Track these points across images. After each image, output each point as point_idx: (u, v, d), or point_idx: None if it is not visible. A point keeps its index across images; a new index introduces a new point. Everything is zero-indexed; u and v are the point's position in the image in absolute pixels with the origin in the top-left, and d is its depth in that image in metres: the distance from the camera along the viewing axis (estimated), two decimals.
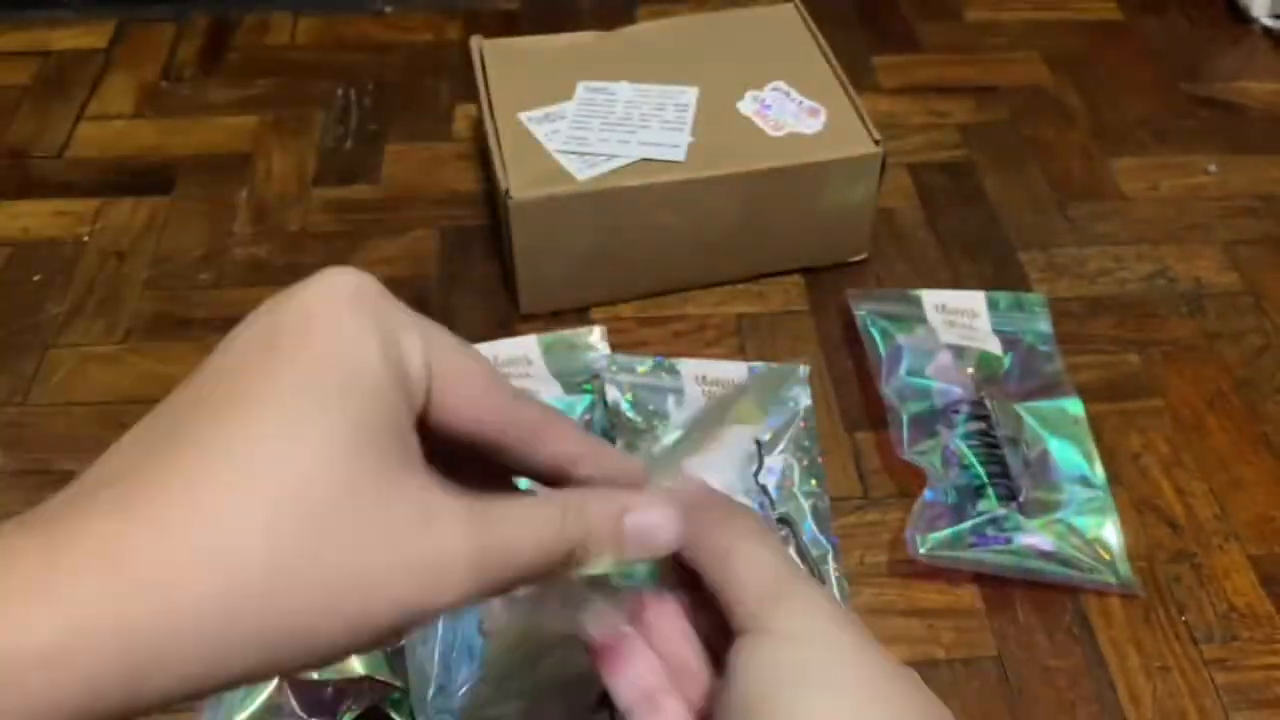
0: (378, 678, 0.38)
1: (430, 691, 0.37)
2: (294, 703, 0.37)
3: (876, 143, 0.51)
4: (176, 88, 0.66)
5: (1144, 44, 0.71)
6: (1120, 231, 0.58)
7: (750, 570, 0.23)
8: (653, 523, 0.22)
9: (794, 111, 0.53)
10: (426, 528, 0.18)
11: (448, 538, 0.18)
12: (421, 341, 0.20)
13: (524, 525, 0.20)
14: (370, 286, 0.20)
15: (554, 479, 0.23)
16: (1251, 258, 0.57)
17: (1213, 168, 0.62)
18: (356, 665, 0.38)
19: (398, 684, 0.38)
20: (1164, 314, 0.54)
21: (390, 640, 0.19)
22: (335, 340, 0.18)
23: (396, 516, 0.18)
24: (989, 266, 0.56)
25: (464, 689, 0.37)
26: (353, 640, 0.18)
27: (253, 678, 0.17)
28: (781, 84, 0.55)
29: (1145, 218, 0.59)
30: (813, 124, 0.53)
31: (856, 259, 0.56)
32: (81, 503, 0.17)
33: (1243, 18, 0.72)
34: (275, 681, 0.37)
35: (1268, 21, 0.71)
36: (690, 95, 0.54)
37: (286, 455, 0.17)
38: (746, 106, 0.54)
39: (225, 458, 0.17)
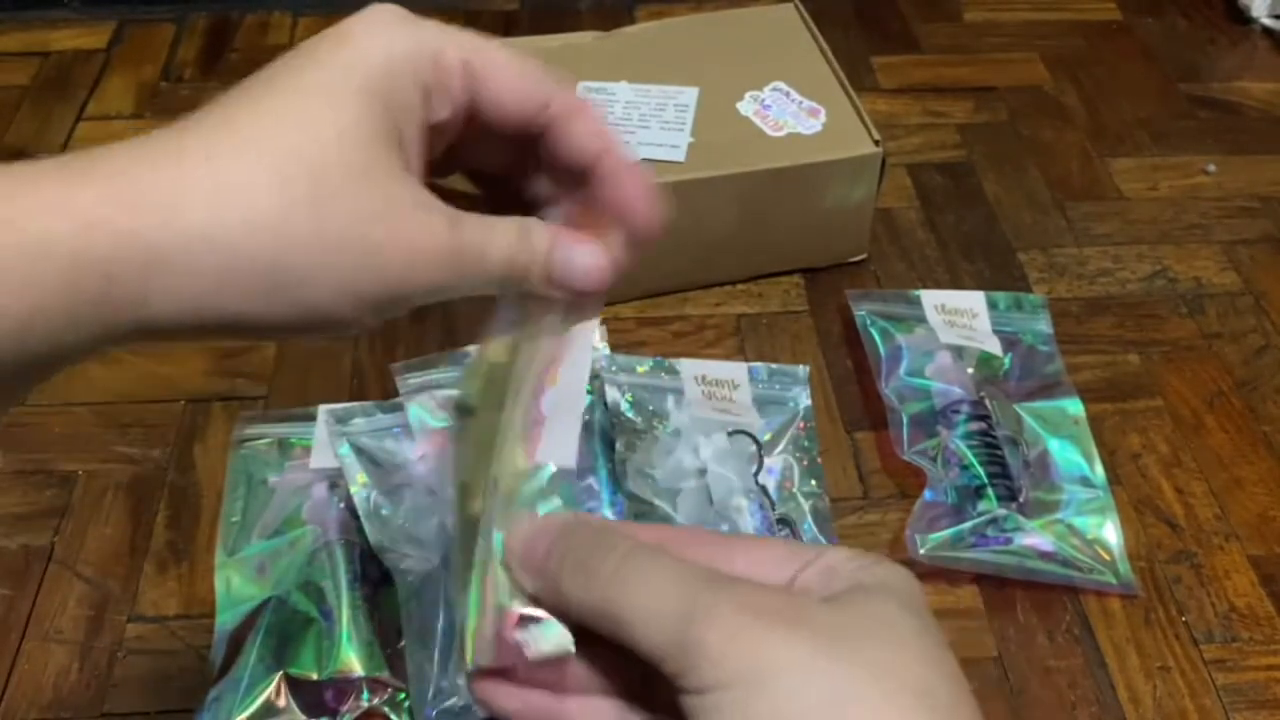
0: (378, 678, 0.38)
1: (430, 692, 0.37)
2: (293, 703, 0.37)
3: (876, 143, 0.51)
4: (176, 88, 0.66)
5: (1143, 44, 0.71)
6: (1119, 232, 0.58)
7: (651, 598, 0.18)
8: (576, 258, 0.23)
9: (793, 112, 0.53)
10: (416, 214, 0.20)
11: (433, 226, 0.21)
12: (456, 45, 0.22)
13: (493, 232, 0.22)
14: (408, 13, 0.22)
15: (575, 171, 0.24)
16: (1251, 258, 0.57)
17: (1211, 168, 0.62)
18: (356, 667, 0.38)
19: (398, 685, 0.38)
20: (1163, 314, 0.54)
21: (364, 320, 0.21)
22: (365, 47, 0.21)
23: (393, 200, 0.20)
24: (988, 267, 0.56)
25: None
26: (336, 303, 0.20)
27: (245, 323, 0.19)
28: (781, 84, 0.55)
29: (1144, 218, 0.59)
30: (812, 124, 0.53)
31: (856, 259, 0.56)
32: (99, 151, 0.19)
33: (1242, 18, 0.72)
34: (274, 683, 0.37)
35: (1267, 22, 0.71)
36: (690, 96, 0.54)
37: (304, 131, 0.19)
38: (746, 107, 0.54)
39: (248, 128, 0.19)
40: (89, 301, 0.18)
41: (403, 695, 0.38)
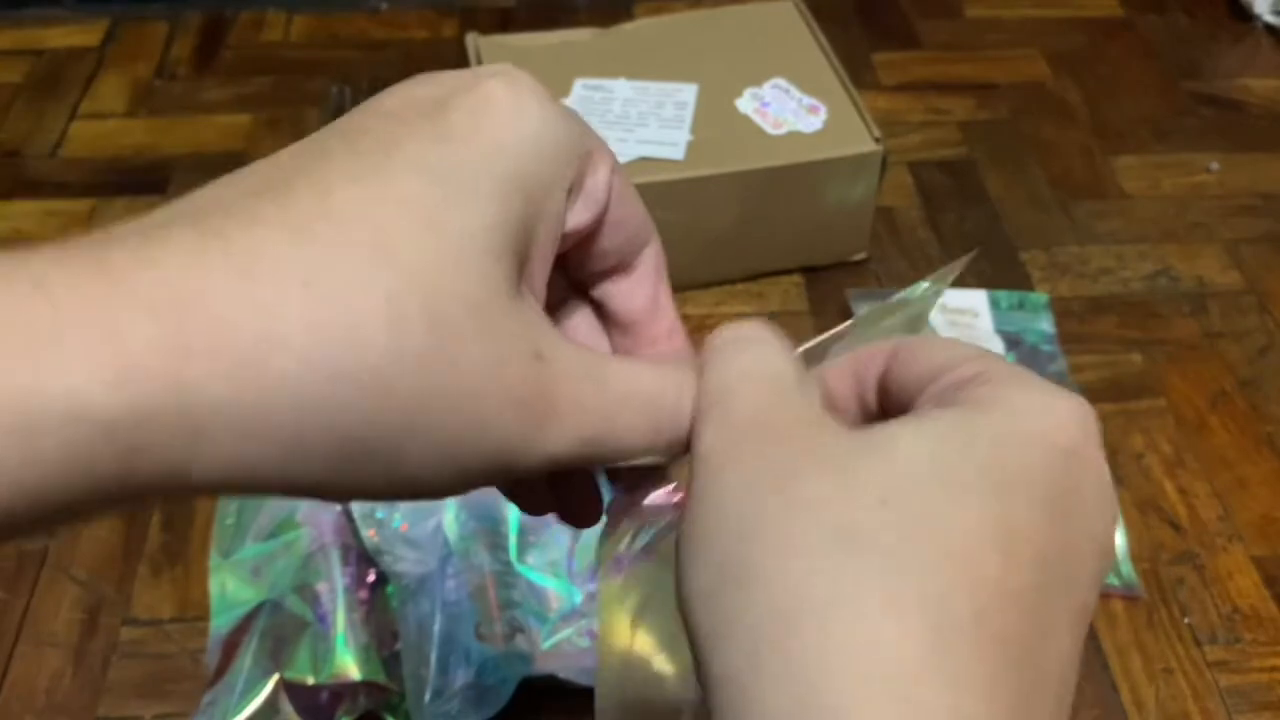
0: (374, 682, 0.37)
1: (427, 696, 0.37)
2: (290, 706, 0.37)
3: (877, 141, 0.51)
4: (170, 86, 0.66)
5: (1145, 41, 0.71)
6: (1122, 230, 0.58)
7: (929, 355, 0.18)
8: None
9: (794, 109, 0.53)
10: (541, 366, 0.15)
11: (561, 387, 0.16)
12: (609, 160, 0.18)
13: (638, 386, 0.17)
14: (549, 93, 0.17)
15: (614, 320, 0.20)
16: (1254, 256, 0.56)
17: (1214, 166, 0.61)
18: (352, 670, 0.37)
19: (394, 688, 0.38)
20: (1166, 313, 0.53)
21: (464, 490, 0.16)
22: (515, 132, 0.16)
23: (517, 349, 0.15)
24: (990, 266, 0.55)
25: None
26: (433, 475, 0.15)
27: (312, 491, 0.14)
28: (781, 81, 0.54)
29: (1147, 216, 0.59)
30: (812, 122, 0.52)
31: (856, 258, 0.55)
32: (148, 234, 0.13)
33: (1244, 15, 0.72)
34: (271, 686, 0.37)
35: (1269, 19, 0.71)
36: (689, 93, 0.53)
37: (428, 240, 0.14)
38: (746, 104, 0.53)
39: (352, 222, 0.13)
40: (108, 477, 0.12)
41: (399, 699, 0.38)
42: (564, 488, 0.21)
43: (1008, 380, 0.16)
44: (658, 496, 0.20)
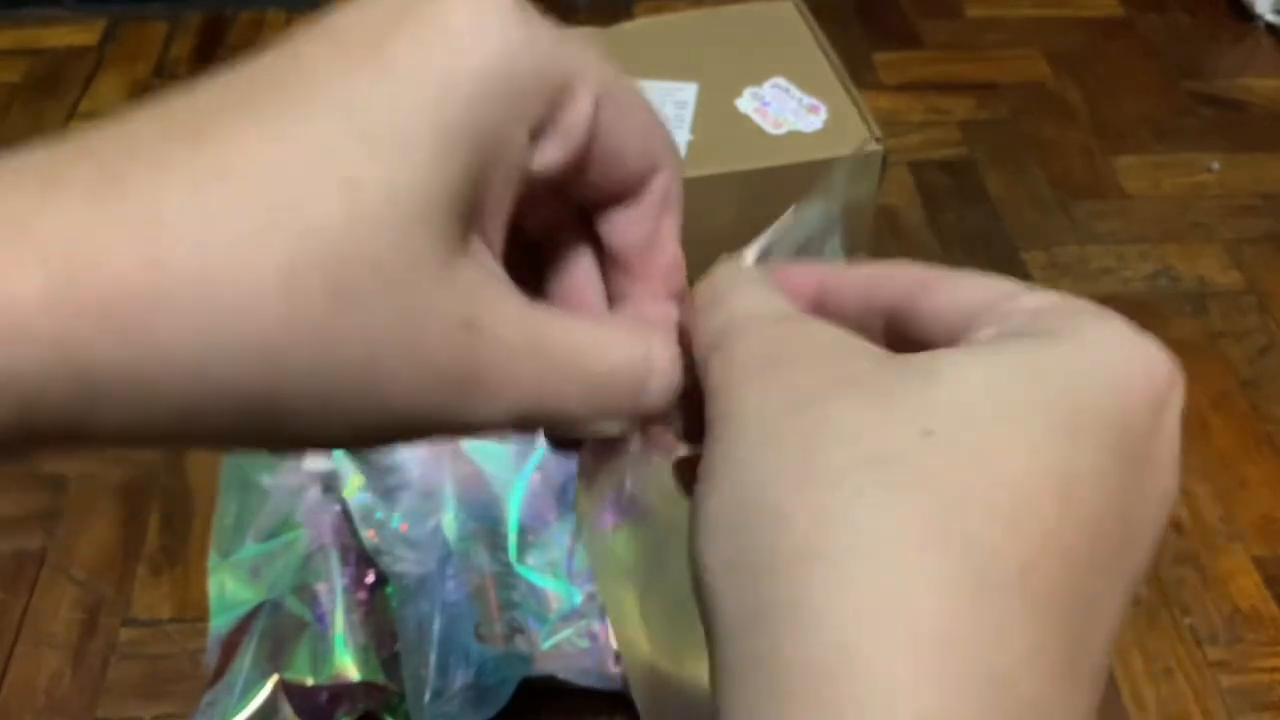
0: (374, 683, 0.37)
1: (426, 696, 0.36)
2: (289, 707, 0.37)
3: (877, 141, 0.51)
4: (169, 86, 0.66)
5: (1146, 41, 0.70)
6: (1122, 230, 0.58)
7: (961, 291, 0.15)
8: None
9: (794, 109, 0.53)
10: (470, 336, 0.14)
11: (494, 357, 0.14)
12: (590, 73, 0.15)
13: (588, 355, 0.15)
14: (527, 3, 0.15)
15: (624, 249, 0.18)
16: (1254, 256, 0.56)
17: (1215, 166, 0.61)
18: (352, 671, 0.37)
19: (393, 689, 0.38)
20: (1167, 314, 0.53)
21: (382, 446, 0.15)
22: (470, 51, 0.14)
23: (439, 319, 0.14)
24: (990, 265, 0.55)
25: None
26: (343, 436, 0.14)
27: (206, 443, 0.14)
28: (781, 81, 0.54)
29: (1147, 216, 0.58)
30: (812, 122, 0.52)
31: (857, 258, 0.55)
32: (57, 169, 0.13)
33: (1245, 14, 0.72)
34: (270, 687, 0.37)
35: (1270, 18, 0.71)
36: (689, 92, 0.53)
37: (338, 196, 0.13)
38: (746, 104, 0.53)
39: (260, 168, 0.12)
40: (2, 425, 0.12)
41: (398, 700, 0.37)
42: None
43: (1090, 312, 0.14)
44: (632, 446, 0.18)
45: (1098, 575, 0.13)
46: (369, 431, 0.14)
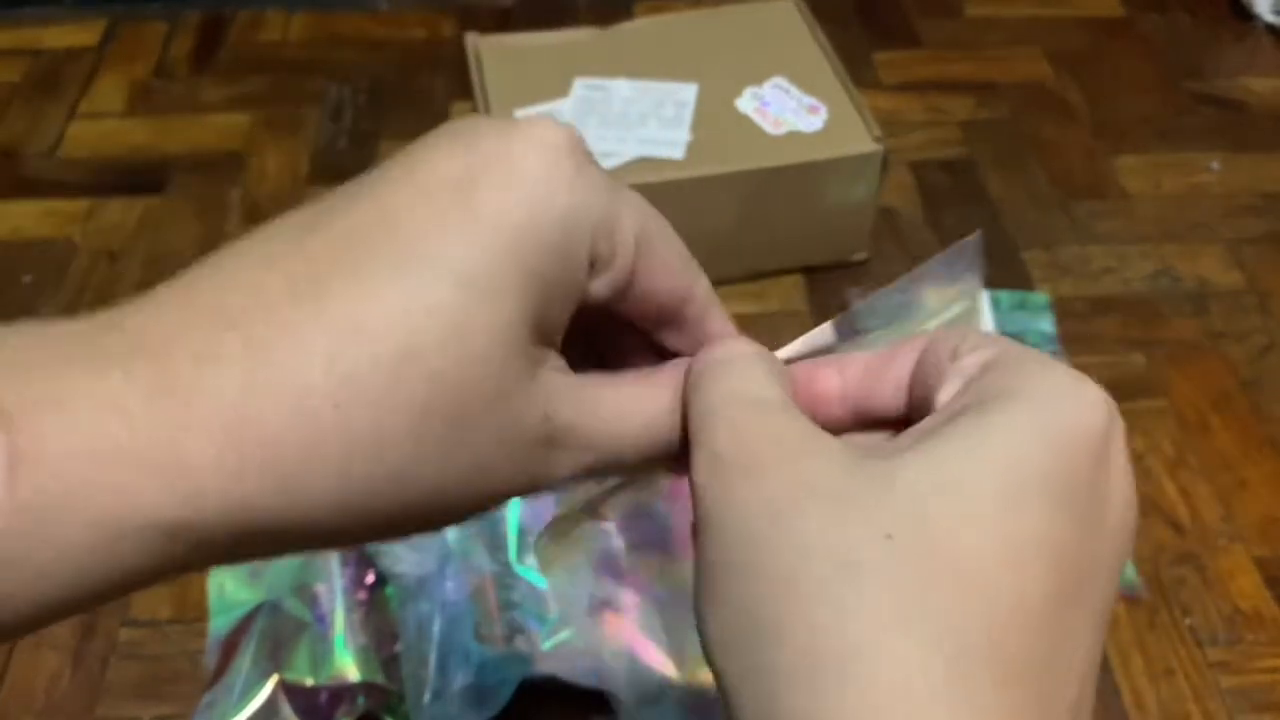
0: (373, 683, 0.37)
1: (426, 697, 0.36)
2: (289, 708, 0.37)
3: (877, 141, 0.51)
4: (169, 86, 0.66)
5: (1146, 41, 0.70)
6: (1123, 230, 0.57)
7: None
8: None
9: (794, 109, 0.53)
10: (548, 424, 0.17)
11: (566, 432, 0.17)
12: (631, 210, 0.17)
13: (633, 411, 0.18)
14: (583, 145, 0.17)
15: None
16: (1255, 256, 0.56)
17: (1215, 165, 0.61)
18: (351, 671, 0.37)
19: (393, 689, 0.37)
20: (1168, 313, 0.53)
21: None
22: (541, 199, 0.16)
23: (529, 421, 0.16)
24: (991, 265, 0.55)
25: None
26: (447, 523, 0.17)
27: (350, 545, 0.17)
28: (781, 81, 0.54)
29: (1148, 216, 0.58)
30: (813, 121, 0.52)
31: (857, 258, 0.55)
32: (209, 342, 0.14)
33: (1246, 14, 0.72)
34: (270, 687, 0.37)
35: (1271, 18, 0.71)
36: (689, 92, 0.53)
37: (449, 340, 0.15)
38: (746, 104, 0.53)
39: (385, 325, 0.14)
40: (169, 566, 0.14)
41: (398, 700, 0.37)
42: None
43: (1033, 361, 0.16)
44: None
45: (1061, 621, 0.14)
46: (470, 514, 0.17)
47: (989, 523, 0.14)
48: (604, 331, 0.20)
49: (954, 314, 0.21)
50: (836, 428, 0.19)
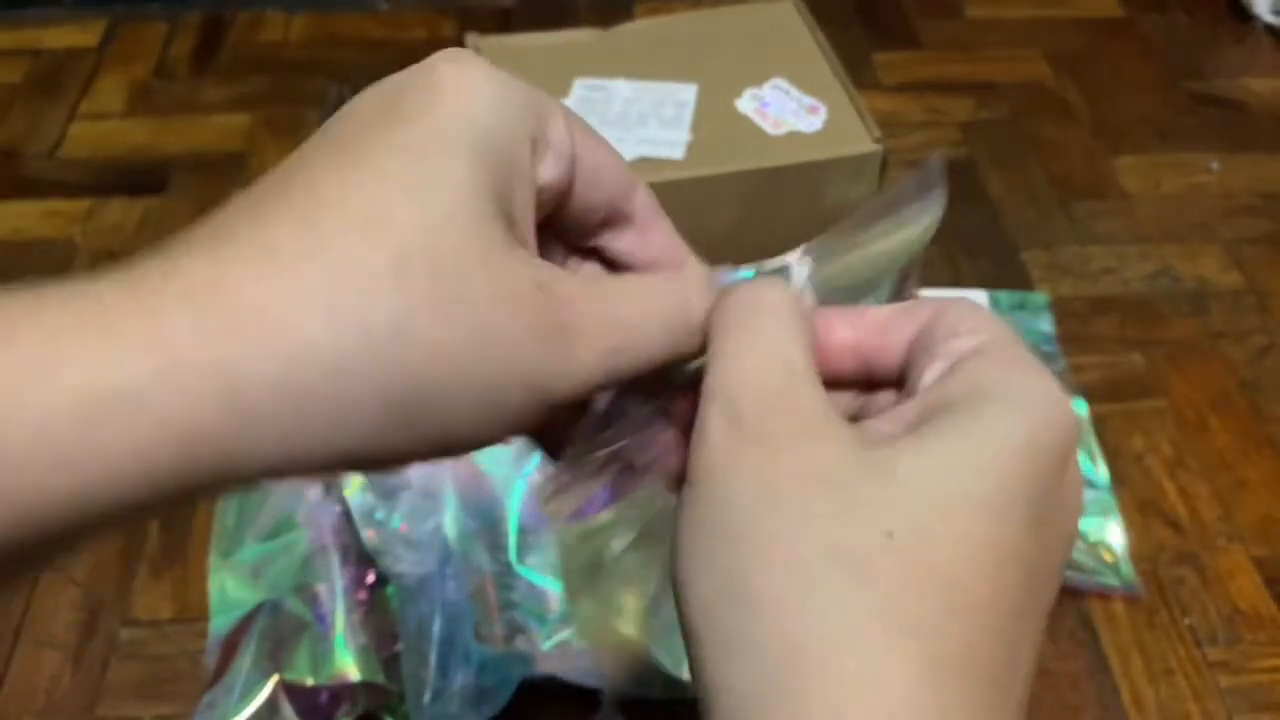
0: (374, 683, 0.37)
1: (426, 697, 0.36)
2: (289, 707, 0.37)
3: (877, 141, 0.51)
4: (169, 86, 0.66)
5: (1145, 41, 0.70)
6: (1122, 230, 0.58)
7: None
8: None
9: (793, 109, 0.53)
10: (551, 297, 0.16)
11: (573, 308, 0.16)
12: (565, 115, 0.18)
13: (647, 300, 0.18)
14: (492, 65, 0.17)
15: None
16: (1254, 257, 0.56)
17: (1215, 166, 0.61)
18: (352, 671, 0.37)
19: (393, 689, 0.38)
20: (1167, 314, 0.53)
21: (506, 439, 0.17)
22: (468, 96, 0.17)
23: (521, 282, 0.16)
24: (990, 266, 0.55)
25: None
26: (476, 423, 0.16)
27: (360, 461, 0.15)
28: (781, 81, 0.54)
29: (1147, 216, 0.58)
30: (812, 122, 0.52)
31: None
32: (170, 250, 0.15)
33: (1245, 15, 0.72)
34: (270, 687, 0.37)
35: (1269, 19, 0.71)
36: (689, 93, 0.53)
37: (414, 204, 0.15)
38: (745, 104, 0.53)
39: (344, 203, 0.15)
40: (163, 470, 0.13)
41: (398, 700, 0.37)
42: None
43: (1018, 366, 0.17)
44: (594, 456, 0.20)
45: (1020, 629, 0.15)
46: (501, 406, 0.16)
47: (979, 534, 0.15)
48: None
49: (919, 231, 0.21)
50: (841, 381, 0.19)
